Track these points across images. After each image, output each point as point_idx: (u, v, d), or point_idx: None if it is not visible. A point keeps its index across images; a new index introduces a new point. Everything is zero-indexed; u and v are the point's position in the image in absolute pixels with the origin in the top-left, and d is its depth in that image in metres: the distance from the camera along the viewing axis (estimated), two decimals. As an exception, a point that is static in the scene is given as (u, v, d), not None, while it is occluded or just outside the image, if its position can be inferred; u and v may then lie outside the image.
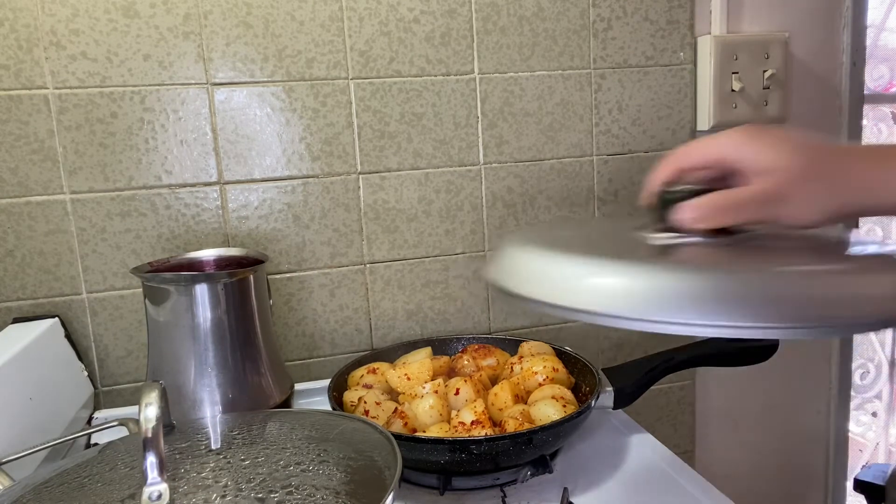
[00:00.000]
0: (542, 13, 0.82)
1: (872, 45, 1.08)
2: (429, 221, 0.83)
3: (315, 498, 0.36)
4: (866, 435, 1.30)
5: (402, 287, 0.83)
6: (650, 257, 0.40)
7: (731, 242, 0.41)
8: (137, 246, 0.75)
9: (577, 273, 0.36)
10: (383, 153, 0.80)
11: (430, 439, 0.55)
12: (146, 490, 0.34)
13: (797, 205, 0.39)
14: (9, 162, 0.71)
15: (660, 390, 0.94)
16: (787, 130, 0.42)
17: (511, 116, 0.83)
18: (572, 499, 0.55)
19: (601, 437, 0.66)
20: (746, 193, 0.40)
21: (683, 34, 0.88)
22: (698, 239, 0.41)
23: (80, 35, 0.71)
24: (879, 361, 1.23)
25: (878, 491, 0.76)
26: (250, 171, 0.77)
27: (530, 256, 0.40)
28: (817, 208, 0.40)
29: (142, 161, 0.74)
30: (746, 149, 0.41)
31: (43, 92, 0.71)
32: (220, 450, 0.42)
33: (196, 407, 0.59)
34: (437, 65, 0.80)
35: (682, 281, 0.34)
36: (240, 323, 0.62)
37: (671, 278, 0.34)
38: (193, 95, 0.74)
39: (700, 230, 0.41)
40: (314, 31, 0.76)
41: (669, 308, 0.33)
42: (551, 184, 0.86)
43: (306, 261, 0.80)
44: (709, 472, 0.63)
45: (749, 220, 0.41)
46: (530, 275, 0.39)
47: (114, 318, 0.76)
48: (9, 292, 0.73)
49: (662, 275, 0.35)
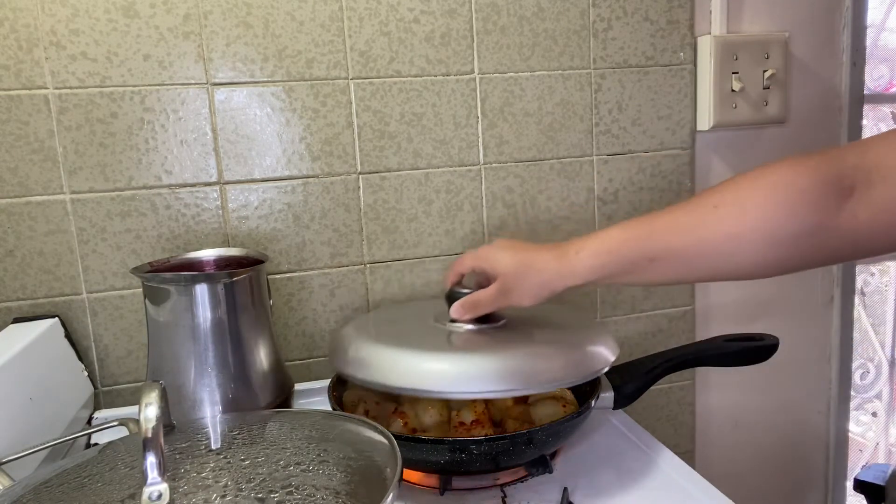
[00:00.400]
0: (542, 13, 0.82)
1: (872, 45, 1.08)
2: (429, 221, 0.83)
3: (315, 498, 0.36)
4: (866, 435, 1.30)
5: (402, 287, 0.83)
6: (444, 347, 0.59)
7: (490, 328, 0.62)
8: (137, 246, 0.75)
9: (403, 363, 0.55)
10: (383, 153, 0.80)
11: (430, 439, 0.55)
12: (146, 490, 0.34)
13: (518, 294, 0.58)
14: (9, 162, 0.71)
15: (660, 390, 0.94)
16: (523, 242, 0.61)
17: (511, 116, 0.83)
18: (572, 499, 0.55)
19: (601, 437, 0.66)
20: (486, 293, 0.60)
21: (683, 34, 0.88)
22: (471, 327, 0.61)
23: (80, 35, 0.71)
24: (879, 361, 1.23)
25: (878, 491, 0.76)
26: (250, 171, 0.77)
27: (369, 351, 0.58)
28: (531, 294, 0.58)
29: (142, 161, 0.74)
30: (491, 259, 0.60)
31: (43, 92, 0.71)
32: (220, 450, 0.42)
33: (196, 407, 0.59)
34: (437, 65, 0.80)
35: (457, 365, 0.55)
36: (240, 323, 0.62)
37: (451, 363, 0.55)
38: (193, 95, 0.74)
39: (467, 320, 0.61)
40: (314, 31, 0.76)
41: (451, 383, 0.54)
42: (551, 184, 0.86)
43: (306, 261, 0.80)
44: (709, 472, 0.63)
45: (493, 310, 0.61)
46: (373, 365, 0.57)
47: (114, 318, 0.76)
48: (9, 292, 0.73)
49: (448, 362, 0.56)
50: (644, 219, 0.55)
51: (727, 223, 0.50)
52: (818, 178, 0.48)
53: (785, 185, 0.49)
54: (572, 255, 0.56)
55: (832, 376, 1.02)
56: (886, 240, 0.48)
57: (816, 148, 0.52)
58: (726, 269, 0.53)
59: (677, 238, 0.52)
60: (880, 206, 0.46)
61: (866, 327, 1.23)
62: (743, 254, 0.51)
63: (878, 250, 0.50)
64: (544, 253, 0.57)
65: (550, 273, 0.57)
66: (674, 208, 0.54)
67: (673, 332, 0.94)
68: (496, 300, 0.59)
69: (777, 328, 0.75)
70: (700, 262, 0.53)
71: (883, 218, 0.47)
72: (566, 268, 0.56)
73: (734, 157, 0.93)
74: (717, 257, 0.52)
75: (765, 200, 0.49)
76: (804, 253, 0.50)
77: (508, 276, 0.58)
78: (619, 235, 0.55)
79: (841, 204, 0.48)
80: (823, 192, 0.48)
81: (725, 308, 0.96)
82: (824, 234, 0.48)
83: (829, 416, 1.04)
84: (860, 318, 1.21)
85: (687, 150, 0.90)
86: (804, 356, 1.01)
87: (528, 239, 0.86)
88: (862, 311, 1.22)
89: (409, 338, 0.61)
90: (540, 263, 0.57)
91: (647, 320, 0.93)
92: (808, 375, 1.01)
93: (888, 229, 0.47)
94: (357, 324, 0.66)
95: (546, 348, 0.58)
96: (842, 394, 1.03)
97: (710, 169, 0.92)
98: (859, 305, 1.19)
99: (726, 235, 0.50)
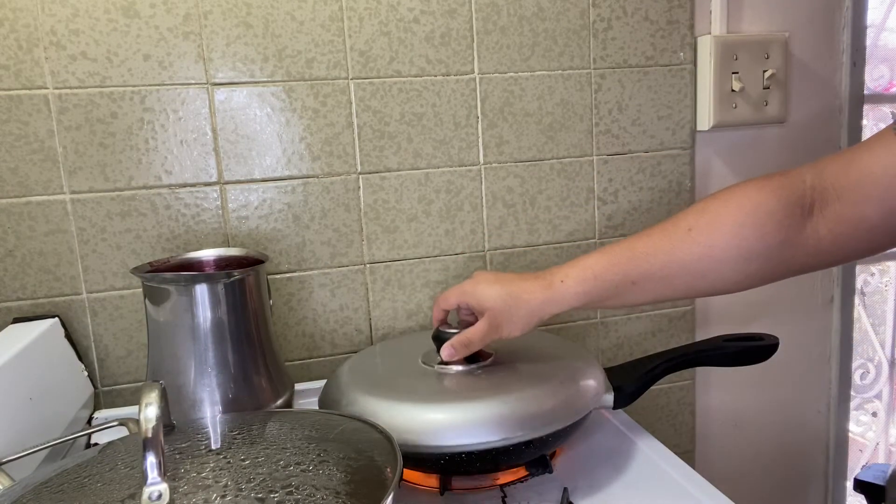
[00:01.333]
0: (542, 13, 0.82)
1: (872, 45, 1.08)
2: (429, 221, 0.83)
3: (315, 498, 0.36)
4: (866, 435, 1.30)
5: (402, 287, 0.83)
6: (435, 397, 0.58)
7: (480, 369, 0.61)
8: (137, 246, 0.75)
9: (398, 420, 0.54)
10: (383, 153, 0.80)
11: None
12: (146, 490, 0.34)
13: (508, 328, 0.58)
14: (9, 162, 0.71)
15: (660, 390, 0.94)
16: (504, 273, 0.61)
17: (511, 116, 0.83)
18: (572, 499, 0.55)
19: (601, 437, 0.66)
20: (476, 330, 0.59)
21: (683, 34, 0.88)
22: (461, 368, 0.61)
23: (80, 35, 0.71)
24: (879, 361, 1.23)
25: (878, 491, 0.76)
26: (250, 171, 0.77)
27: (363, 405, 0.57)
28: (521, 325, 0.58)
29: (142, 161, 0.74)
30: (477, 295, 0.60)
31: (43, 92, 0.71)
32: (220, 450, 0.42)
33: (196, 407, 0.59)
34: (437, 65, 0.80)
35: (451, 416, 0.54)
36: (240, 323, 0.62)
37: (445, 415, 0.55)
38: (193, 95, 0.74)
39: (457, 360, 0.61)
40: (314, 31, 0.76)
41: (446, 437, 0.54)
42: (551, 184, 0.86)
43: (306, 261, 0.80)
44: (709, 472, 0.63)
45: (483, 345, 0.60)
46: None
47: (114, 318, 0.76)
48: (9, 292, 0.73)
49: (441, 413, 0.55)
50: (623, 244, 0.58)
51: (701, 245, 0.55)
52: (782, 200, 0.53)
53: (753, 207, 0.54)
54: (558, 284, 0.58)
55: (832, 376, 1.02)
56: (845, 252, 0.54)
57: (816, 148, 0.54)
58: (704, 287, 0.58)
59: (656, 261, 0.56)
60: (836, 222, 0.52)
61: (866, 327, 1.23)
62: (717, 272, 0.56)
63: (840, 260, 0.57)
64: (529, 283, 0.59)
65: (537, 302, 0.58)
66: (651, 231, 0.58)
67: (673, 332, 0.94)
68: (486, 335, 0.59)
69: (777, 328, 0.75)
70: (679, 281, 0.57)
71: (841, 231, 0.52)
72: (553, 296, 0.58)
73: (734, 157, 0.93)
74: (694, 276, 0.56)
75: (734, 222, 0.54)
76: (774, 268, 0.55)
77: (496, 311, 0.58)
78: (601, 261, 0.58)
79: (803, 222, 0.53)
80: (788, 213, 0.53)
81: (725, 308, 0.96)
82: (791, 249, 0.54)
83: (829, 416, 1.04)
84: (860, 318, 1.21)
85: (687, 150, 0.90)
86: (804, 356, 1.01)
87: (528, 239, 0.86)
88: (862, 311, 1.22)
89: (400, 388, 0.59)
90: (526, 294, 0.58)
91: (647, 320, 0.93)
92: (808, 375, 1.01)
93: (846, 242, 0.53)
94: (351, 368, 0.65)
95: (538, 389, 0.57)
96: (842, 394, 1.03)
97: (710, 169, 0.92)
98: (859, 305, 1.19)
99: (700, 256, 0.55)
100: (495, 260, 0.86)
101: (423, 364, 0.63)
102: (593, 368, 0.62)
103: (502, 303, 0.58)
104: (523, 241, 0.86)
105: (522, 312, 0.58)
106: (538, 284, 0.58)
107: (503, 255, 0.86)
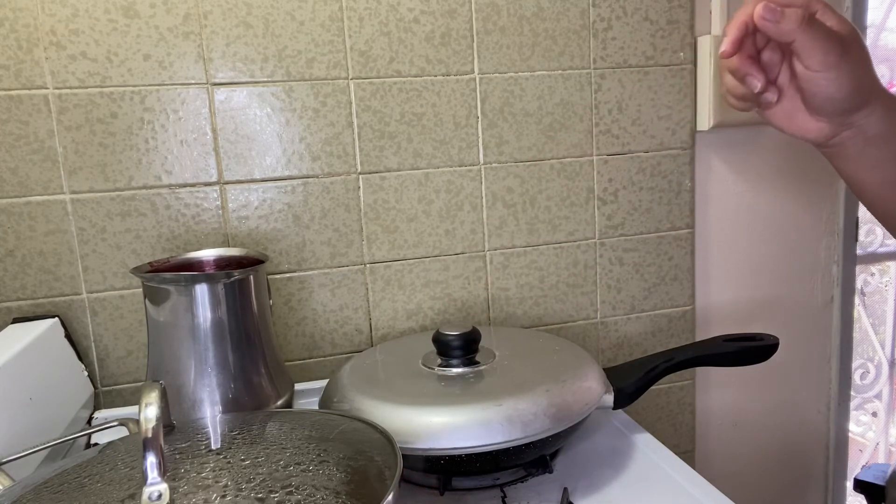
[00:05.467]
0: (542, 13, 0.82)
1: (872, 45, 1.08)
2: (429, 221, 0.83)
3: (315, 498, 0.36)
4: (866, 435, 1.31)
5: (402, 287, 0.83)
6: (437, 397, 0.58)
7: (479, 370, 0.61)
8: (137, 246, 0.75)
9: (396, 423, 0.54)
10: (383, 153, 0.80)
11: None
12: (146, 490, 0.34)
13: (847, 54, 0.46)
14: (9, 162, 0.71)
15: (660, 390, 0.94)
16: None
17: (511, 116, 0.83)
18: (572, 499, 0.55)
19: (601, 437, 0.66)
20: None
21: (683, 34, 0.88)
22: (461, 370, 0.61)
23: (80, 35, 0.71)
24: (879, 361, 1.23)
25: (878, 491, 0.76)
26: (250, 171, 0.77)
27: (372, 408, 0.56)
28: (853, 66, 0.47)
29: (142, 161, 0.74)
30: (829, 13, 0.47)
31: (43, 92, 0.71)
32: (220, 450, 0.42)
33: (196, 407, 0.59)
34: (437, 65, 0.80)
35: (448, 418, 0.54)
36: (240, 323, 0.62)
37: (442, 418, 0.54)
38: (193, 95, 0.74)
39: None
40: (314, 31, 0.76)
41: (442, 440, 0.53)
42: (551, 184, 0.86)
43: (306, 261, 0.80)
44: (709, 472, 0.63)
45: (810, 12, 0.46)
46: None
47: (114, 318, 0.76)
48: (9, 292, 0.73)
49: (438, 416, 0.55)
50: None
51: None
52: None
53: None
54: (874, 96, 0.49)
55: (832, 376, 1.03)
56: None
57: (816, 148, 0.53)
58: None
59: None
60: None
61: (866, 327, 1.23)
62: None
63: None
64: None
65: (867, 76, 0.49)
66: None
67: (673, 332, 0.94)
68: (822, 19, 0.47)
69: (777, 328, 0.75)
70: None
71: None
72: (871, 91, 0.49)
73: (734, 157, 0.93)
74: None
75: None
76: None
77: (850, 31, 0.48)
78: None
79: None
80: None
81: (725, 308, 0.96)
82: None
83: (829, 416, 1.04)
84: (860, 318, 1.21)
85: (687, 150, 0.90)
86: (804, 356, 1.01)
87: (528, 239, 0.86)
88: (862, 311, 1.22)
89: (400, 390, 0.60)
90: (868, 60, 0.49)
91: (647, 320, 0.93)
92: (808, 375, 1.02)
93: None
94: (352, 370, 0.66)
95: (538, 391, 0.56)
96: (842, 394, 1.03)
97: (710, 169, 0.93)
98: (859, 305, 1.19)
99: None
100: (495, 260, 0.86)
101: (423, 366, 0.63)
102: (593, 369, 0.62)
103: (858, 35, 0.48)
104: (523, 241, 0.86)
105: (864, 59, 0.48)
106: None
107: (503, 255, 0.86)
